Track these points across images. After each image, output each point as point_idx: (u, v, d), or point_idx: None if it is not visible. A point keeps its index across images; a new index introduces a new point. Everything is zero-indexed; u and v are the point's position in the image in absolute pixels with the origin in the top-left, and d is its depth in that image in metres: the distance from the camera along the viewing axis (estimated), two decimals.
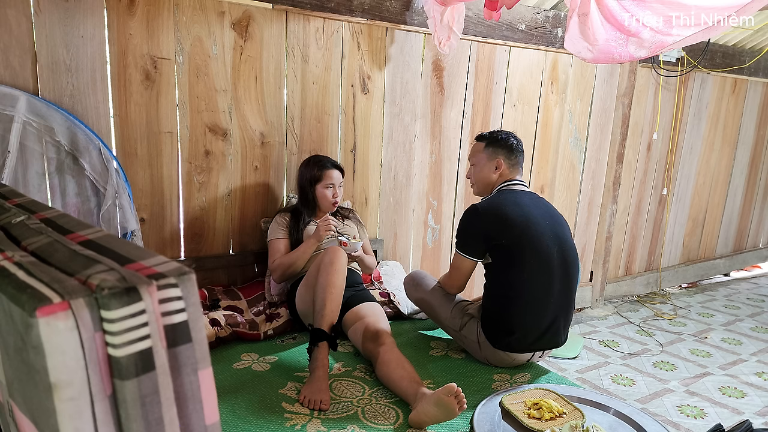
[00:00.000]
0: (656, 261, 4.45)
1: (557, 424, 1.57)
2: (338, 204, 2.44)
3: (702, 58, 4.00)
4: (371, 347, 1.95)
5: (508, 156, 2.14)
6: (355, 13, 2.60)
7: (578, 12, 2.21)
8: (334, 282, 1.97)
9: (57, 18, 2.01)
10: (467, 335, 2.07)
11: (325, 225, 2.24)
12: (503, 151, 2.14)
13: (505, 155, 2.13)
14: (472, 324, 2.06)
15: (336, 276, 1.98)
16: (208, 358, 0.62)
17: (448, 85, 3.00)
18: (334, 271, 1.98)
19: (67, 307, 0.53)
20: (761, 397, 2.71)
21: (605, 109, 3.67)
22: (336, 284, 1.97)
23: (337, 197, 2.41)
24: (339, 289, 1.98)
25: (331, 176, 2.39)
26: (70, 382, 0.54)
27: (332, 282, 1.96)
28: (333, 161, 2.43)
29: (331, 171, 2.39)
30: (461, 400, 1.55)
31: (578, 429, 1.52)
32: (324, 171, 2.38)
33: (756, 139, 4.87)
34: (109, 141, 2.17)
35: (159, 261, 0.62)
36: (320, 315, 1.93)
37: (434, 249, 3.19)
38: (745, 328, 3.66)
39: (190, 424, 0.61)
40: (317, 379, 1.78)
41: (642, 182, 4.10)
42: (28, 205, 0.91)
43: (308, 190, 2.41)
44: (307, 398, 1.72)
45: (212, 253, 2.50)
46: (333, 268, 1.99)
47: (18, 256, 0.65)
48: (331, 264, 1.99)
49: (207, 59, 2.32)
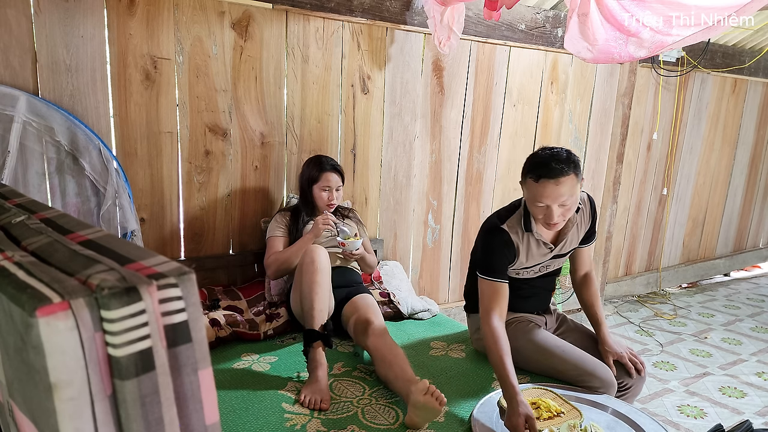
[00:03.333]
0: (656, 261, 4.45)
1: (555, 423, 1.57)
2: (334, 206, 2.42)
3: (702, 58, 4.00)
4: (362, 340, 1.96)
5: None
6: (355, 13, 2.60)
7: (578, 12, 2.21)
8: (318, 280, 1.96)
9: (57, 18, 2.01)
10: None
11: (323, 220, 2.23)
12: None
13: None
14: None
15: (318, 274, 1.97)
16: (208, 358, 0.62)
17: (448, 85, 3.00)
18: (316, 270, 1.97)
19: (67, 307, 0.53)
20: (761, 397, 2.71)
21: (605, 109, 3.67)
22: (320, 282, 1.96)
23: (333, 200, 2.38)
24: (324, 287, 1.98)
25: (328, 179, 2.37)
26: (70, 382, 0.54)
27: (315, 281, 1.96)
28: (333, 164, 2.41)
29: (329, 174, 2.37)
30: (437, 396, 1.57)
31: (576, 428, 1.52)
32: (321, 173, 2.37)
33: (756, 139, 4.87)
34: (109, 141, 2.17)
35: (159, 261, 0.62)
36: (309, 315, 1.94)
37: (434, 249, 3.19)
38: (745, 328, 3.66)
39: (190, 424, 0.61)
40: (317, 378, 1.78)
41: (642, 182, 4.10)
42: (28, 205, 0.91)
43: (307, 190, 2.41)
44: (308, 398, 1.72)
45: (212, 253, 2.50)
46: (314, 266, 1.98)
47: (18, 256, 0.65)
48: (312, 263, 1.98)
49: (207, 59, 2.32)
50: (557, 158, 1.71)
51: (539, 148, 1.83)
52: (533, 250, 1.91)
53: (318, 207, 2.42)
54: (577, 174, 1.74)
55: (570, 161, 1.72)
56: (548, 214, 1.75)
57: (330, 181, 2.37)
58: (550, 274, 2.05)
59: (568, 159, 1.72)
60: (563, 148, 1.77)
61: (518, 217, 1.89)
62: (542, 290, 2.07)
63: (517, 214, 1.91)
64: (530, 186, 1.76)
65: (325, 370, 1.82)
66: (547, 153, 1.75)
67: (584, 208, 1.97)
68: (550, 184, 1.70)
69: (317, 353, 1.85)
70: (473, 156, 3.19)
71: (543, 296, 2.08)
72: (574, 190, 1.74)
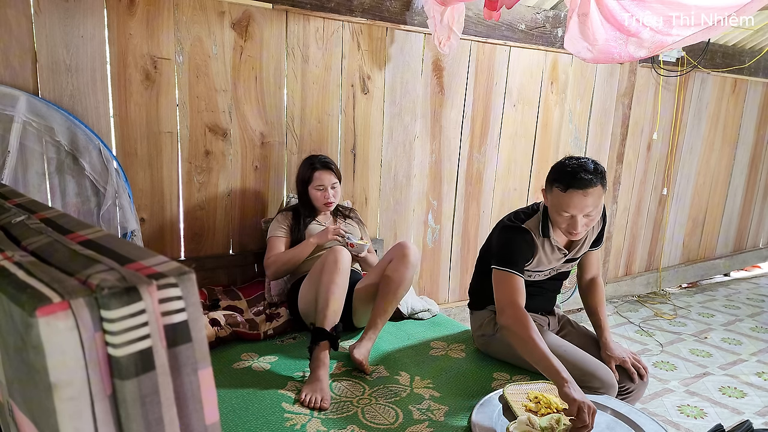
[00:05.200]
0: (656, 261, 4.45)
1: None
2: (334, 204, 2.40)
3: (702, 58, 4.00)
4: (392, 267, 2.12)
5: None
6: (355, 13, 2.60)
7: (578, 12, 2.21)
8: (338, 282, 1.96)
9: (57, 18, 2.01)
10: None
11: (335, 230, 2.26)
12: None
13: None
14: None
15: (339, 276, 1.97)
16: (208, 358, 0.62)
17: (448, 85, 3.00)
18: (338, 271, 1.97)
19: (67, 306, 0.53)
20: (761, 397, 2.71)
21: (605, 109, 3.67)
22: (339, 284, 1.97)
23: (329, 198, 2.35)
24: (342, 289, 1.98)
25: (320, 178, 2.34)
26: (70, 381, 0.54)
27: (335, 281, 1.96)
28: (324, 162, 2.37)
29: (320, 173, 2.34)
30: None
31: (560, 423, 1.52)
32: (313, 172, 2.35)
33: (756, 139, 4.87)
34: (109, 141, 2.17)
35: (159, 261, 0.62)
36: (322, 315, 1.93)
37: (434, 249, 3.19)
38: (745, 328, 3.66)
39: (190, 424, 0.61)
40: (318, 378, 1.78)
41: (642, 182, 4.10)
42: (28, 205, 0.91)
43: (303, 191, 2.40)
44: (308, 396, 1.72)
45: (212, 253, 2.50)
46: (337, 267, 1.98)
47: (18, 256, 0.65)
48: (335, 263, 1.99)
49: (207, 59, 2.32)
50: (586, 169, 1.71)
51: (565, 157, 1.81)
52: (548, 254, 1.92)
53: (316, 208, 2.41)
54: (603, 185, 1.73)
55: (598, 172, 1.72)
56: (572, 224, 1.75)
57: (323, 179, 2.34)
58: (558, 277, 2.05)
59: (596, 170, 1.71)
60: (590, 159, 1.76)
61: (536, 222, 1.90)
62: (548, 292, 2.07)
63: (535, 218, 1.91)
64: (556, 195, 1.75)
65: (326, 370, 1.83)
66: (575, 163, 1.73)
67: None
68: (578, 194, 1.70)
69: (322, 353, 1.85)
70: (473, 156, 3.19)
71: (548, 297, 2.08)
72: (599, 201, 1.74)
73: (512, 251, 1.84)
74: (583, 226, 1.76)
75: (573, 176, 1.70)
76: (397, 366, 2.02)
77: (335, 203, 2.41)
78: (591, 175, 1.69)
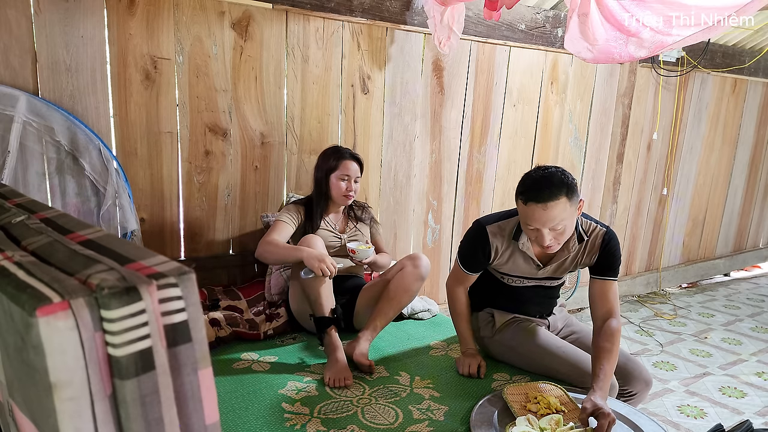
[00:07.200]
0: (656, 261, 4.45)
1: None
2: (352, 198, 2.33)
3: (702, 58, 4.00)
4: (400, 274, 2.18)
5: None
6: (355, 13, 2.60)
7: (578, 12, 2.21)
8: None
9: (57, 18, 2.01)
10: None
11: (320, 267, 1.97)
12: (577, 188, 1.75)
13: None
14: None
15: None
16: (208, 358, 0.62)
17: (448, 85, 3.00)
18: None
19: (67, 306, 0.53)
20: (761, 397, 2.71)
21: (605, 109, 3.67)
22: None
23: (351, 191, 2.31)
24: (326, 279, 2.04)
25: (347, 167, 2.29)
26: (70, 381, 0.54)
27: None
28: (352, 152, 2.35)
29: (348, 162, 2.30)
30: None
31: (560, 423, 1.52)
32: (341, 161, 2.29)
33: (756, 139, 4.87)
34: (109, 141, 2.17)
35: (159, 261, 0.62)
36: (317, 304, 2.01)
37: (434, 249, 3.19)
38: (745, 328, 3.66)
39: (190, 424, 0.61)
40: (336, 359, 1.89)
41: (642, 182, 4.10)
42: (28, 205, 0.91)
43: (323, 181, 2.32)
44: (332, 379, 1.83)
45: (212, 253, 2.51)
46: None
47: (18, 256, 0.65)
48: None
49: (207, 59, 2.32)
50: (550, 181, 1.64)
51: (534, 168, 1.76)
52: (518, 261, 1.89)
53: (333, 199, 2.33)
54: (570, 197, 1.64)
55: (563, 185, 1.63)
56: (539, 237, 1.70)
57: (349, 169, 2.30)
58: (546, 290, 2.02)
59: (561, 182, 1.64)
60: (558, 169, 1.68)
61: (512, 225, 1.87)
62: (544, 298, 2.05)
63: (512, 220, 1.88)
64: (521, 207, 1.72)
65: (342, 351, 1.94)
66: (540, 174, 1.68)
67: (593, 240, 1.85)
68: (538, 208, 1.64)
69: (332, 337, 1.97)
70: (473, 156, 3.19)
71: (544, 303, 2.07)
72: (565, 214, 1.65)
73: (462, 246, 1.97)
74: (551, 239, 1.70)
75: (532, 189, 1.66)
76: (397, 366, 2.02)
77: (353, 198, 2.35)
78: (553, 188, 1.62)
